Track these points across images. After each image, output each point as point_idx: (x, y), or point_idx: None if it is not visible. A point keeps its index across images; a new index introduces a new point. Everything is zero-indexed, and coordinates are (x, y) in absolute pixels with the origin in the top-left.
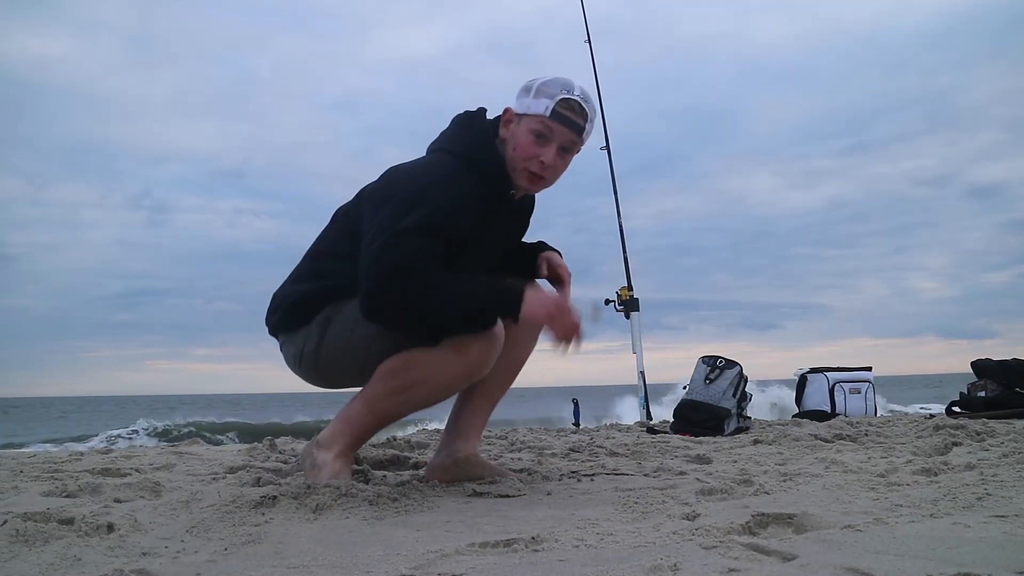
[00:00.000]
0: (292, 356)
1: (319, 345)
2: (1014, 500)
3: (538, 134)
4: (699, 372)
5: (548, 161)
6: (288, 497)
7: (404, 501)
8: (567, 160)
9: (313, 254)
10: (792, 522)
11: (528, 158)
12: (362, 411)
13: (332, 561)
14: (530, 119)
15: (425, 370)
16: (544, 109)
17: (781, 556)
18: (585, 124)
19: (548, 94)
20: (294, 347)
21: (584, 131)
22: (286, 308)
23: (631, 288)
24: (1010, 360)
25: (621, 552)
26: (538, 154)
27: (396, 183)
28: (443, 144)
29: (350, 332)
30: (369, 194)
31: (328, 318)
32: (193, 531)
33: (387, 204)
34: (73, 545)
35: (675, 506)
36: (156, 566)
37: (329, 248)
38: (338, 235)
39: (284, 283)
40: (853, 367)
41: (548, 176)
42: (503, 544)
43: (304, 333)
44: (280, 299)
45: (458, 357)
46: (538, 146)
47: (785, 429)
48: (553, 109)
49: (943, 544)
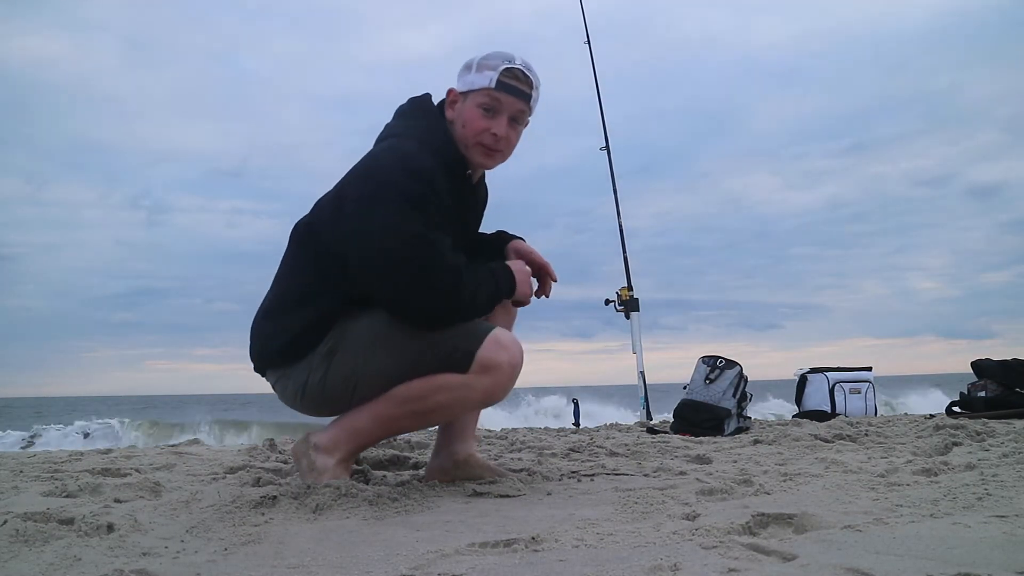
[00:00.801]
0: (292, 391)
1: (324, 376)
2: (1014, 500)
3: (486, 107)
4: (699, 372)
5: (500, 132)
6: (288, 497)
7: (404, 501)
8: (518, 131)
9: (289, 281)
10: (792, 522)
11: (479, 132)
12: (371, 426)
13: (332, 561)
14: (476, 94)
15: (450, 395)
16: (488, 81)
17: (781, 556)
18: (531, 92)
19: (490, 66)
20: (293, 382)
21: (531, 99)
22: (280, 345)
23: (631, 288)
24: (1010, 360)
25: (621, 552)
26: (489, 127)
27: (369, 182)
28: (393, 131)
29: (361, 360)
30: (339, 201)
31: (332, 349)
32: (193, 531)
33: (373, 208)
34: (73, 545)
35: (675, 506)
36: (156, 566)
37: (305, 272)
38: (310, 256)
39: (264, 317)
40: (853, 367)
41: (502, 148)
42: (503, 544)
43: (304, 366)
44: (268, 336)
45: (486, 378)
46: (487, 119)
47: (785, 429)
48: (498, 80)
49: (943, 544)
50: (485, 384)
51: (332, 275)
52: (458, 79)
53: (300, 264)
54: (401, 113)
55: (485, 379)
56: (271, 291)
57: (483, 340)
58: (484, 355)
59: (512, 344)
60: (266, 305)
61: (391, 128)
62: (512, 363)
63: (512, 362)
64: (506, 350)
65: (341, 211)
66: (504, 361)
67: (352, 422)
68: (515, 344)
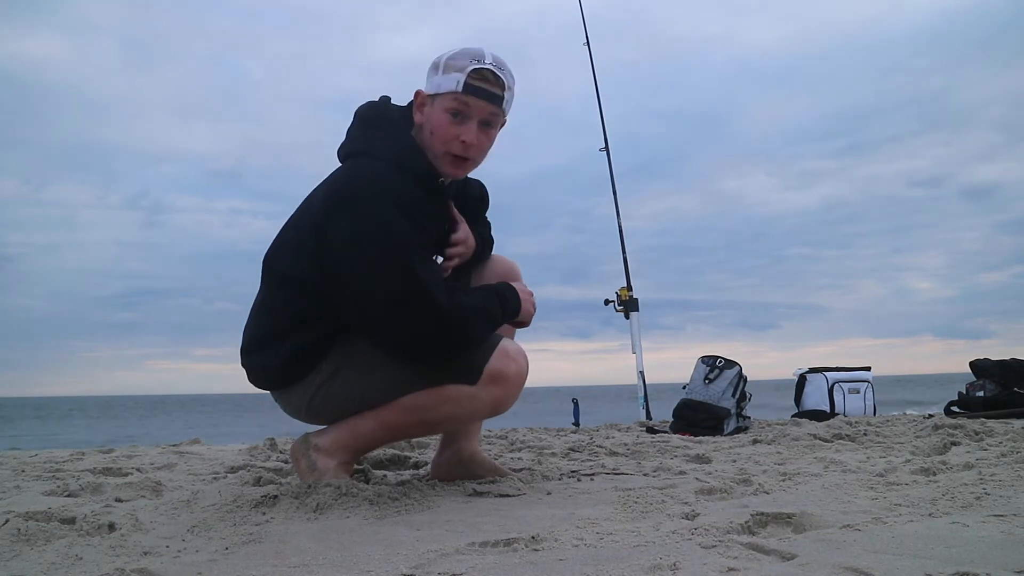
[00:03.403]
0: (296, 407)
1: (329, 392)
2: (1012, 500)
3: (454, 112)
4: (698, 372)
5: (469, 140)
6: (289, 496)
7: (404, 500)
8: (491, 135)
9: (278, 311)
10: (791, 521)
11: (447, 140)
12: (376, 432)
13: (333, 560)
14: (443, 98)
15: (458, 406)
16: (455, 84)
17: (780, 555)
18: (503, 93)
19: (457, 67)
20: (297, 399)
21: (504, 100)
22: (280, 368)
23: (630, 288)
24: (1008, 360)
25: (621, 551)
26: (457, 134)
27: (356, 221)
28: (359, 147)
29: (368, 375)
30: (323, 236)
31: (338, 366)
32: (194, 530)
33: (363, 252)
34: (75, 544)
35: (674, 505)
36: (157, 565)
37: (295, 302)
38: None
39: (258, 348)
40: (852, 367)
41: (473, 155)
42: (503, 544)
43: (308, 384)
44: (266, 362)
45: (495, 389)
46: (456, 125)
47: (784, 429)
48: (465, 82)
49: (941, 543)
50: (494, 395)
51: (323, 303)
52: (426, 80)
53: (286, 295)
54: (365, 121)
55: (494, 390)
56: (256, 318)
57: (492, 351)
58: (493, 367)
59: (520, 355)
60: (256, 333)
61: (355, 141)
62: (520, 374)
63: (520, 373)
64: (515, 361)
65: (328, 247)
66: (513, 373)
67: (357, 426)
68: (522, 355)
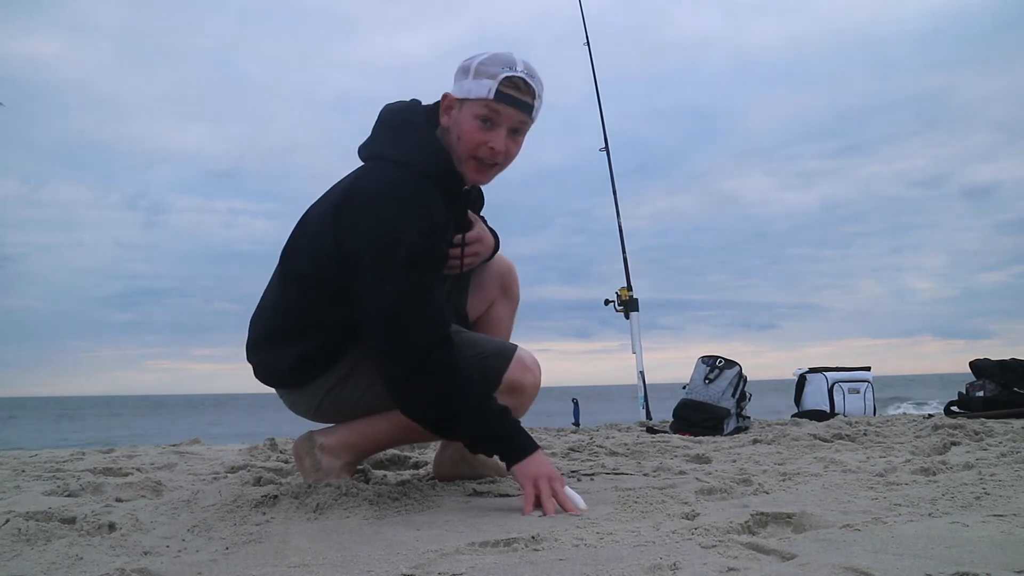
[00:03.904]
0: (304, 408)
1: (340, 396)
2: (1012, 499)
3: (483, 119)
4: (698, 372)
5: (498, 146)
6: (289, 496)
7: (405, 500)
8: (519, 142)
9: (292, 309)
10: (791, 521)
11: (476, 145)
12: (389, 434)
13: (333, 560)
14: (473, 103)
15: None
16: (487, 91)
17: (780, 555)
18: (534, 102)
19: (489, 74)
20: (307, 400)
21: (533, 109)
22: (290, 367)
23: (630, 288)
24: (1008, 360)
25: (621, 551)
26: (485, 140)
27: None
28: (383, 151)
29: (380, 383)
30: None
31: (351, 370)
32: (194, 530)
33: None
34: (75, 544)
35: (675, 505)
36: (157, 565)
37: (312, 302)
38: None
39: (267, 341)
40: (852, 367)
41: (500, 161)
42: (503, 543)
43: (318, 387)
44: (276, 359)
45: (511, 398)
46: (485, 131)
47: (784, 429)
48: (497, 90)
49: (941, 543)
50: (510, 404)
51: (335, 308)
52: (454, 83)
53: (299, 296)
54: (389, 125)
55: (510, 400)
56: (268, 314)
57: (510, 361)
58: (512, 377)
59: (535, 366)
60: (266, 330)
61: (378, 142)
62: (536, 385)
63: (536, 384)
64: (531, 373)
65: (340, 246)
66: (530, 384)
67: (368, 427)
68: (537, 366)
